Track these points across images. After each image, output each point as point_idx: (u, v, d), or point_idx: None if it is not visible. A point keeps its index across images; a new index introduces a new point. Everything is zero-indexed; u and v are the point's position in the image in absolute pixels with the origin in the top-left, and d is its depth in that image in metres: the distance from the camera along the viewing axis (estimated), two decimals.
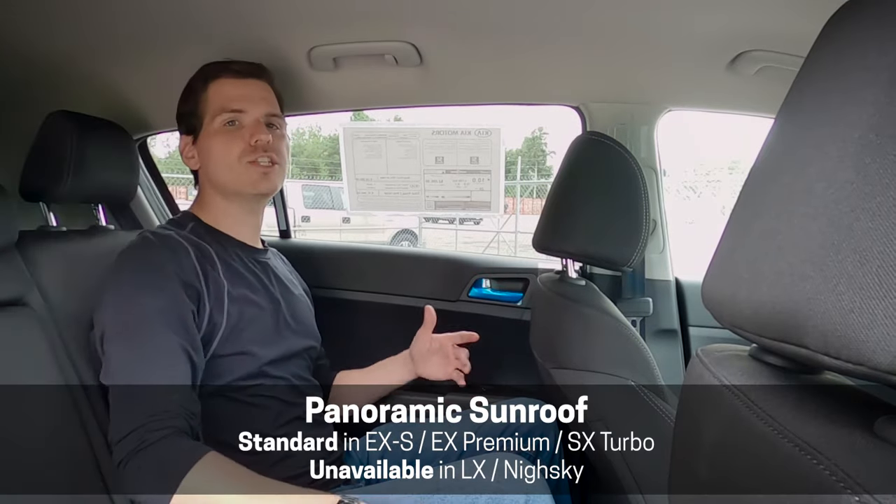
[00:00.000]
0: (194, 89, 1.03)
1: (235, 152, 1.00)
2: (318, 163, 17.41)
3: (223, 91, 1.01)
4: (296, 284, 1.18)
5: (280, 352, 1.01)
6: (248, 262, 1.03)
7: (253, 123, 1.01)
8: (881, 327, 0.27)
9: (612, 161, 1.00)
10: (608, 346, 0.97)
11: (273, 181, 1.04)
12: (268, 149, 1.01)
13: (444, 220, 10.23)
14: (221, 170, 1.01)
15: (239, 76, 1.02)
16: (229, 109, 1.00)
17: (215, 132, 1.01)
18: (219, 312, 0.93)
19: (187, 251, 0.93)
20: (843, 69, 0.34)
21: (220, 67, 1.03)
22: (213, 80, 1.02)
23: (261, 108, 1.02)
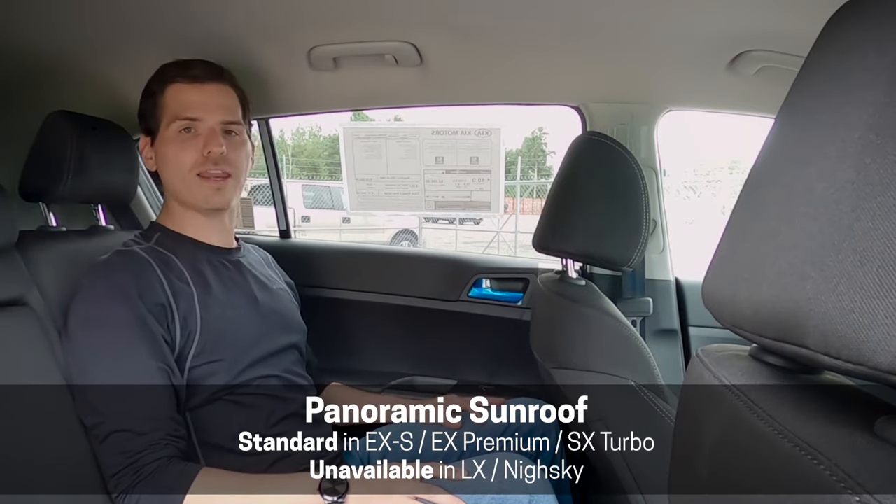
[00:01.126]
0: (152, 91, 1.01)
1: (188, 163, 0.98)
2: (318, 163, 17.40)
3: (179, 97, 0.99)
4: (275, 279, 1.17)
5: (263, 350, 1.01)
6: (219, 265, 1.02)
7: (208, 132, 0.98)
8: (882, 327, 0.27)
9: (612, 161, 1.00)
10: (608, 346, 0.97)
11: (226, 196, 1.01)
12: (220, 161, 0.99)
13: (444, 220, 10.22)
14: (175, 180, 1.00)
15: (196, 81, 0.99)
16: (184, 117, 0.98)
17: (170, 139, 0.99)
18: (192, 321, 0.92)
19: (151, 266, 0.92)
20: (843, 69, 0.34)
21: (177, 70, 1.00)
22: (169, 83, 0.99)
23: (217, 115, 0.99)
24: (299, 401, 1.02)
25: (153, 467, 0.80)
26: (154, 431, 0.82)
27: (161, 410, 0.85)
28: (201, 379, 0.93)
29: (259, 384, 0.98)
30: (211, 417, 0.93)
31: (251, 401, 0.97)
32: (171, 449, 0.83)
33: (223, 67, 1.03)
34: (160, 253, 0.96)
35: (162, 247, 0.98)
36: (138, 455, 0.80)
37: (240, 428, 0.94)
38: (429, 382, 1.57)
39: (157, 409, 0.85)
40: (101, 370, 0.85)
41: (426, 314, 1.57)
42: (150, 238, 0.99)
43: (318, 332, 1.15)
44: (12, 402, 0.84)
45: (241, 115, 1.04)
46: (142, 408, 0.83)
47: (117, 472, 0.80)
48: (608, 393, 0.94)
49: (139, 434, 0.81)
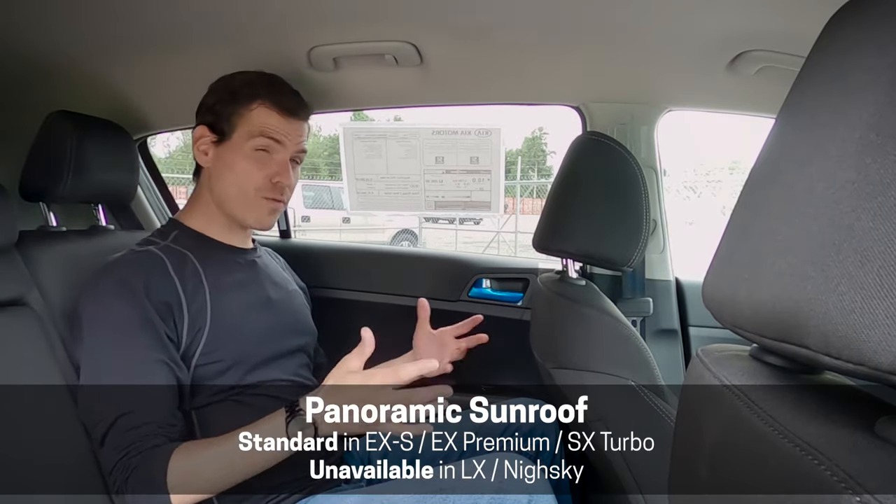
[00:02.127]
0: (237, 97, 1.00)
1: (256, 183, 0.99)
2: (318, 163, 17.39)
3: (267, 119, 0.99)
4: (289, 280, 1.17)
5: (273, 351, 1.01)
6: (235, 264, 1.03)
7: (282, 162, 1.00)
8: (882, 327, 0.27)
9: (612, 161, 1.00)
10: (608, 346, 0.97)
11: (275, 219, 1.05)
12: (283, 191, 1.02)
13: (444, 220, 10.22)
14: (234, 192, 1.00)
15: (287, 115, 1.00)
16: (269, 136, 0.99)
17: (244, 152, 0.99)
18: (202, 319, 0.92)
19: (163, 264, 0.92)
20: (844, 69, 0.34)
21: (269, 93, 1.00)
22: (260, 102, 0.99)
23: (296, 146, 1.02)
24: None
25: (139, 458, 0.80)
26: (148, 426, 0.82)
27: (158, 407, 0.85)
28: (207, 378, 0.93)
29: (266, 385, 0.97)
30: (215, 417, 0.93)
31: (256, 401, 0.96)
32: (159, 438, 0.82)
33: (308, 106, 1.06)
34: (175, 250, 0.96)
35: (178, 244, 0.98)
36: (128, 448, 0.80)
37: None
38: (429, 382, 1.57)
39: (154, 405, 0.84)
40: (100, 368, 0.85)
41: None
42: (168, 236, 1.00)
43: (317, 332, 1.15)
44: (12, 402, 0.84)
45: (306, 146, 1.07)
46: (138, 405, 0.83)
47: (112, 469, 0.81)
48: (608, 393, 0.94)
49: (132, 429, 0.81)
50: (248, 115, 0.99)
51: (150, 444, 0.81)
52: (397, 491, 0.90)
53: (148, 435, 0.81)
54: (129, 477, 0.79)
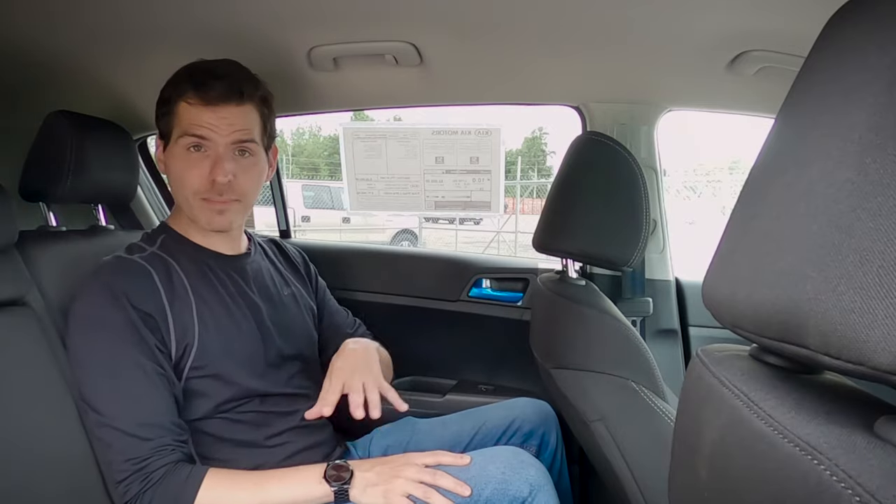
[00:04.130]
0: (166, 98, 0.95)
1: (193, 186, 0.92)
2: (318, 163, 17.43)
3: (190, 114, 0.91)
4: (287, 283, 1.13)
5: (263, 363, 0.98)
6: (223, 274, 0.99)
7: (215, 157, 0.92)
8: (882, 327, 0.27)
9: (612, 161, 1.00)
10: (608, 346, 0.97)
11: (229, 219, 0.96)
12: (225, 190, 0.93)
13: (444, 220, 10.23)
14: (178, 197, 0.97)
15: (210, 104, 0.91)
16: (193, 133, 0.91)
17: (177, 154, 0.93)
18: (189, 334, 0.90)
19: (149, 275, 0.90)
20: (844, 69, 0.34)
21: (192, 86, 0.91)
22: (182, 97, 0.92)
23: (228, 137, 0.92)
24: (300, 414, 0.99)
25: (161, 472, 0.80)
26: (159, 437, 0.82)
27: (164, 415, 0.84)
28: (198, 394, 0.91)
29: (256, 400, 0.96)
30: (209, 432, 0.92)
31: (250, 417, 0.95)
32: (177, 454, 0.83)
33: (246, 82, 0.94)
34: (161, 259, 0.94)
35: (165, 252, 0.96)
36: (145, 461, 0.80)
37: (238, 443, 0.94)
38: (429, 382, 1.57)
39: (160, 414, 0.84)
40: (100, 373, 0.84)
41: (426, 314, 1.57)
42: (155, 241, 0.97)
43: None
44: (12, 402, 0.84)
45: (258, 133, 0.97)
46: (145, 413, 0.83)
47: (125, 478, 0.80)
48: (608, 393, 0.94)
49: (144, 440, 0.81)
50: (176, 111, 0.93)
51: (169, 459, 0.81)
52: None
53: (164, 448, 0.81)
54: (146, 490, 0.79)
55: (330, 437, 1.07)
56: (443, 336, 1.58)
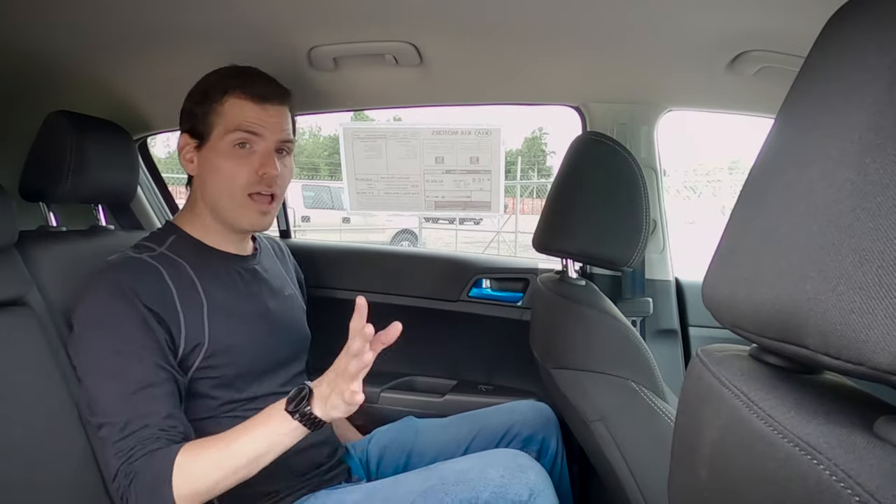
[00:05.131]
0: (209, 94, 0.96)
1: (242, 182, 0.94)
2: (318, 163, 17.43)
3: (241, 111, 0.94)
4: (289, 282, 1.15)
5: (270, 364, 0.99)
6: (234, 274, 1.00)
7: (264, 153, 0.95)
8: (881, 327, 0.27)
9: (612, 161, 1.00)
10: (608, 346, 0.97)
11: (269, 220, 0.99)
12: (272, 183, 0.96)
13: (444, 220, 10.23)
14: (222, 196, 0.96)
15: (260, 101, 0.95)
16: (245, 129, 0.94)
17: (223, 151, 0.94)
18: (199, 333, 0.90)
19: (160, 274, 0.90)
20: (843, 69, 0.34)
21: (239, 83, 0.95)
22: (231, 94, 0.94)
23: (277, 135, 0.96)
24: None
25: (141, 463, 0.78)
26: (148, 429, 0.80)
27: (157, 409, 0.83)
28: (203, 391, 0.91)
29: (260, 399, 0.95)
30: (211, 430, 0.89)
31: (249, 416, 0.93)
32: (161, 442, 0.81)
33: (286, 89, 1.00)
34: (171, 260, 0.93)
35: (174, 253, 0.95)
36: (130, 452, 0.79)
37: None
38: (428, 382, 1.57)
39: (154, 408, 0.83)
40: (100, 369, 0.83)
41: (426, 314, 1.57)
42: (164, 241, 0.97)
43: (317, 332, 1.15)
44: (12, 402, 0.84)
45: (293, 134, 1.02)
46: (139, 407, 0.82)
47: (115, 474, 0.79)
48: (608, 393, 0.94)
49: (132, 433, 0.80)
50: (220, 110, 0.94)
51: (150, 448, 0.79)
52: (398, 486, 0.90)
53: (148, 438, 0.80)
54: (131, 482, 0.77)
55: (331, 436, 1.07)
56: (443, 336, 1.58)
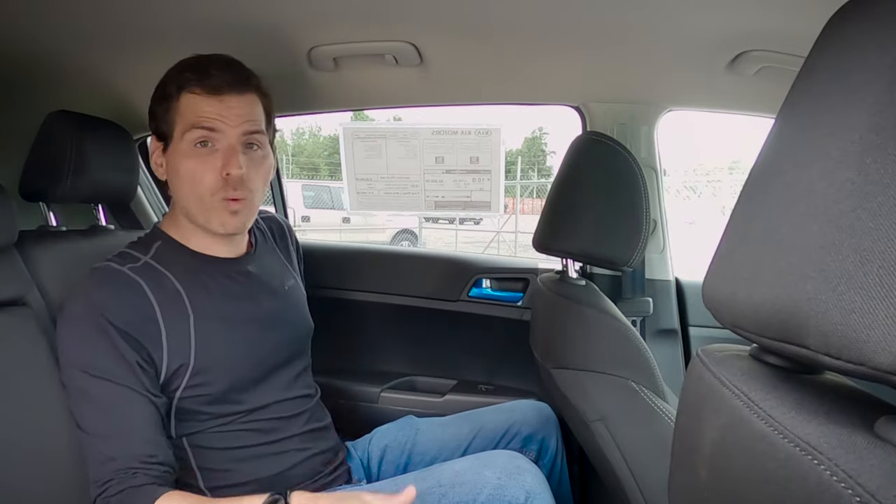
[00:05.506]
0: (167, 94, 0.89)
1: (206, 185, 0.87)
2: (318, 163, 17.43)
3: (197, 106, 0.87)
4: (289, 271, 1.10)
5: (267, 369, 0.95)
6: (225, 279, 0.95)
7: (227, 150, 0.88)
8: (882, 327, 0.27)
9: (612, 161, 1.00)
10: (608, 346, 0.97)
11: (243, 220, 0.92)
12: (239, 185, 0.88)
13: (444, 220, 10.23)
14: (189, 200, 0.90)
15: (215, 93, 0.87)
16: (202, 126, 0.87)
17: (185, 152, 0.88)
18: (185, 349, 0.86)
19: (140, 289, 0.85)
20: (844, 69, 0.34)
21: (195, 76, 0.87)
22: (186, 89, 0.88)
23: (238, 128, 0.88)
24: (303, 417, 0.99)
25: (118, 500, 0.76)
26: (123, 458, 0.78)
27: (133, 435, 0.80)
28: (194, 407, 0.89)
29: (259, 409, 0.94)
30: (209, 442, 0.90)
31: (252, 426, 0.93)
32: (140, 477, 0.78)
33: (250, 72, 0.92)
34: (155, 271, 0.89)
35: (159, 262, 0.90)
36: (106, 485, 0.77)
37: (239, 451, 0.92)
38: (429, 382, 1.57)
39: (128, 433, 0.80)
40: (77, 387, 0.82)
41: (426, 314, 1.57)
42: (149, 249, 0.92)
43: (317, 332, 1.15)
44: (12, 402, 0.84)
45: (264, 124, 0.93)
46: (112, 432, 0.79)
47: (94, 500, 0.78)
48: (608, 393, 0.94)
49: (108, 460, 0.78)
50: (177, 107, 0.88)
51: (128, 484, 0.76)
52: (396, 488, 0.90)
53: (124, 471, 0.77)
54: None
55: (335, 443, 1.06)
56: (443, 336, 1.58)
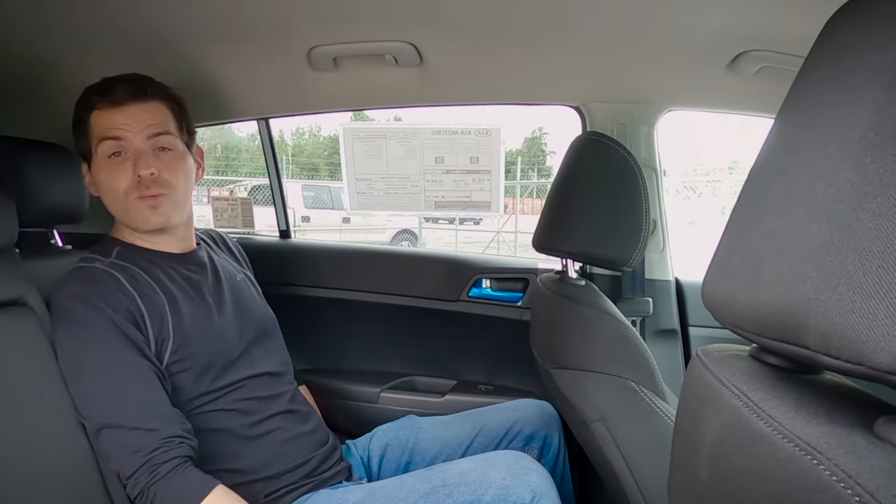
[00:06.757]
0: (80, 117, 0.97)
1: (121, 188, 0.95)
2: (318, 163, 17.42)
3: (104, 121, 0.95)
4: (238, 268, 1.16)
5: (239, 347, 1.01)
6: (183, 270, 1.01)
7: (135, 155, 0.95)
8: (882, 327, 0.27)
9: (612, 161, 1.00)
10: (608, 346, 0.97)
11: (165, 213, 0.98)
12: (152, 184, 0.95)
13: (444, 220, 10.23)
14: (113, 206, 0.98)
15: (116, 105, 0.95)
16: (108, 136, 0.94)
17: (102, 165, 0.96)
18: (165, 328, 0.92)
19: (116, 279, 0.91)
20: (843, 69, 0.34)
21: (98, 95, 0.95)
22: (94, 108, 0.95)
23: (142, 133, 0.95)
24: (284, 398, 1.02)
25: (169, 467, 0.80)
26: (164, 427, 0.82)
27: (164, 406, 0.85)
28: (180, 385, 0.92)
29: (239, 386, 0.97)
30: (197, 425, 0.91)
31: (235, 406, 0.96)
32: (185, 447, 0.83)
33: (149, 82, 0.99)
34: (123, 266, 0.94)
35: (123, 260, 0.96)
36: (153, 453, 0.80)
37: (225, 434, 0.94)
38: (429, 382, 1.57)
39: (159, 404, 0.85)
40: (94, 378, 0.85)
41: (426, 314, 1.57)
42: (110, 253, 0.97)
43: (317, 332, 1.15)
44: (12, 402, 0.84)
45: (174, 127, 1.00)
46: (145, 404, 0.83)
47: (133, 472, 0.80)
48: (608, 393, 0.94)
49: (150, 431, 0.81)
50: (89, 127, 0.96)
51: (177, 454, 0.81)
52: (401, 486, 0.90)
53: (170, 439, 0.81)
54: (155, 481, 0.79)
55: (319, 426, 1.07)
56: (443, 336, 1.58)
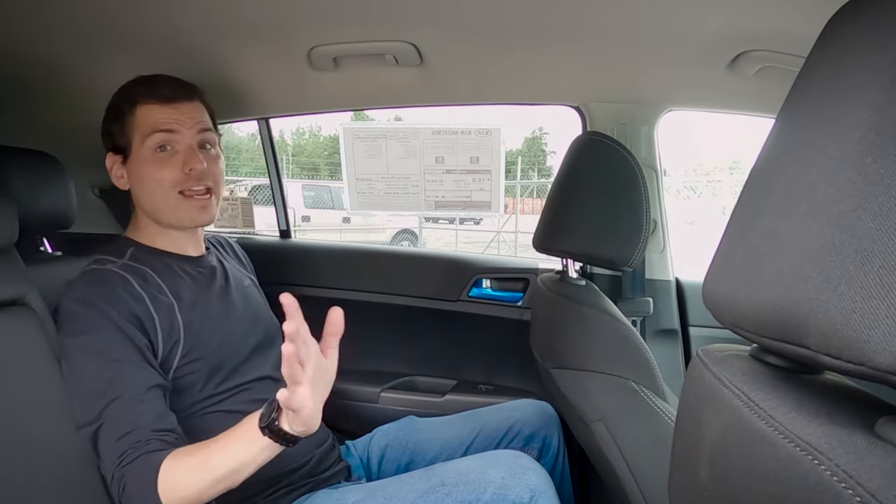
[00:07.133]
0: (120, 111, 0.98)
1: (169, 181, 0.95)
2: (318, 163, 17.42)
3: (153, 115, 0.96)
4: (245, 273, 1.17)
5: (244, 351, 1.01)
6: (195, 274, 1.02)
7: (186, 150, 0.97)
8: (882, 327, 0.27)
9: (612, 161, 1.00)
10: (608, 346, 0.97)
11: (211, 213, 1.00)
12: (202, 177, 0.97)
13: (444, 220, 10.23)
14: (155, 200, 0.97)
15: (167, 101, 0.96)
16: (161, 129, 0.95)
17: (146, 159, 0.96)
18: (175, 331, 0.92)
19: (127, 281, 0.91)
20: (844, 69, 0.34)
21: (145, 90, 0.97)
22: (139, 103, 0.96)
23: (193, 129, 0.97)
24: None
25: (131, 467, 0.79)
26: (138, 431, 0.81)
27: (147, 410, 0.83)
28: (184, 388, 0.92)
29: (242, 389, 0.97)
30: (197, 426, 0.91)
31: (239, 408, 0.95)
32: (154, 444, 0.81)
33: (192, 85, 1.01)
34: (135, 268, 0.94)
35: (136, 262, 0.96)
36: (123, 456, 0.79)
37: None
38: (429, 382, 1.57)
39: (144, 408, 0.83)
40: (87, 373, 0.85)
41: (426, 314, 1.57)
42: (124, 254, 0.97)
43: (317, 332, 1.15)
44: (12, 402, 0.84)
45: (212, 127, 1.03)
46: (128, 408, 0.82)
47: (111, 479, 0.80)
48: (608, 393, 0.94)
49: (126, 434, 0.80)
50: (134, 120, 0.96)
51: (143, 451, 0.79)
52: (400, 486, 0.90)
53: (139, 442, 0.80)
54: (123, 487, 0.78)
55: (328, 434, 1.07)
56: (443, 336, 1.58)
